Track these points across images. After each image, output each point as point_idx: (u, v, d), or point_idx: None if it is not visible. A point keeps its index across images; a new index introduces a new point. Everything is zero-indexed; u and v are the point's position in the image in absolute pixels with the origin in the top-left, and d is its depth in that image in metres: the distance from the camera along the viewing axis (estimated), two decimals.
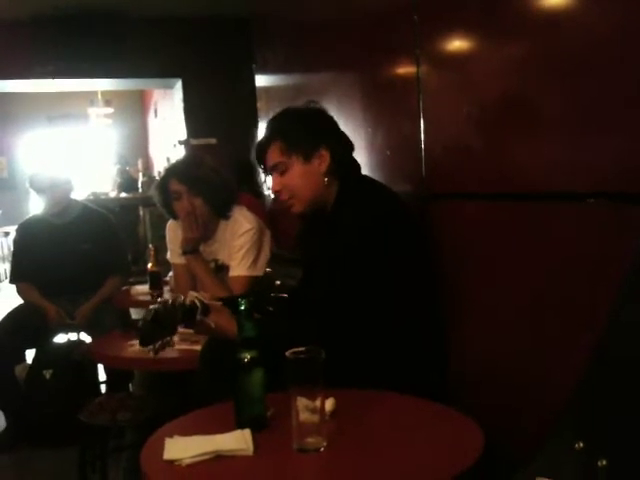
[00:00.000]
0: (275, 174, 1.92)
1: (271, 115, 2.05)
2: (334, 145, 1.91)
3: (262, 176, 4.25)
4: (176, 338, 2.28)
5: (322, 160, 1.89)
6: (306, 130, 1.90)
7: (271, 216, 3.62)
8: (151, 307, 1.81)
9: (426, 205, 2.05)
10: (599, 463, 0.94)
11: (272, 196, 1.99)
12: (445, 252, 1.96)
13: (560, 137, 1.48)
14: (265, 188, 4.14)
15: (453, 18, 1.89)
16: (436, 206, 2.03)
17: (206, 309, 1.80)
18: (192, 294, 1.83)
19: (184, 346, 2.27)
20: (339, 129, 1.99)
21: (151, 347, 1.89)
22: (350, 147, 1.99)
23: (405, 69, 2.21)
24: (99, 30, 5.07)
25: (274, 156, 1.91)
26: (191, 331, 2.26)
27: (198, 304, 1.79)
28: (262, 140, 1.96)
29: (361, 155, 2.34)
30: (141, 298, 3.24)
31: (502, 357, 1.75)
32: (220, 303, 1.84)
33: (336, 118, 2.01)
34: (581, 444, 0.97)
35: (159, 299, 2.49)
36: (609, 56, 1.33)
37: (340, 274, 1.76)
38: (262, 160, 1.96)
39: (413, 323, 1.82)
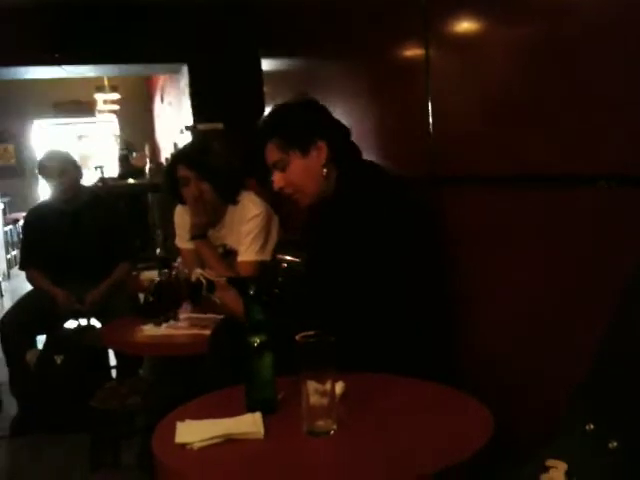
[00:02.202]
0: (276, 171, 1.95)
1: (278, 100, 2.05)
2: (330, 135, 1.93)
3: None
4: (184, 323, 2.30)
5: (320, 151, 1.91)
6: (300, 124, 1.93)
7: (278, 200, 3.61)
8: (155, 280, 1.82)
9: (434, 189, 2.05)
10: (610, 445, 0.94)
11: (275, 191, 1.99)
12: (453, 236, 1.96)
13: (571, 119, 1.47)
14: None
15: (461, 0, 1.87)
16: (444, 190, 2.02)
17: (211, 286, 1.81)
18: (197, 271, 1.85)
19: (194, 331, 2.28)
20: (333, 117, 2.01)
21: (155, 319, 1.91)
22: (347, 133, 2.00)
23: (413, 52, 2.19)
24: (105, 16, 5.06)
25: (273, 154, 1.94)
26: (201, 316, 2.28)
27: (203, 281, 1.80)
28: (258, 140, 1.99)
29: (369, 139, 2.33)
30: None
31: (512, 342, 1.75)
32: (224, 279, 1.85)
33: (343, 102, 2.01)
34: (592, 426, 0.97)
35: (163, 270, 2.50)
36: (621, 38, 1.31)
37: (343, 261, 1.76)
38: (262, 159, 1.98)
39: (420, 308, 1.81)
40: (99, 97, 9.35)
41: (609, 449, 0.93)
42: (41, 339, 3.46)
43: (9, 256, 8.72)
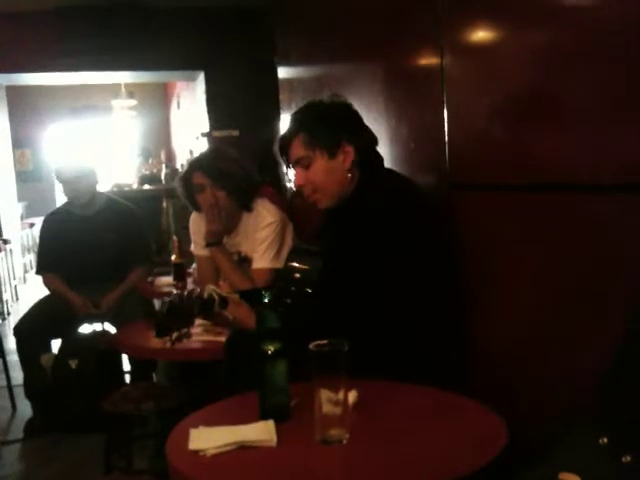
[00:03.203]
0: (299, 168, 1.92)
1: (294, 107, 2.05)
2: (358, 140, 1.90)
3: (284, 168, 4.25)
4: (197, 330, 2.31)
5: (346, 156, 1.88)
6: (330, 126, 1.89)
7: (291, 208, 3.63)
8: (167, 299, 1.83)
9: (450, 196, 2.05)
10: (623, 459, 0.93)
11: (294, 189, 1.97)
12: (469, 242, 1.96)
13: (587, 127, 1.46)
14: (287, 180, 4.14)
15: (477, 6, 1.87)
16: (460, 197, 2.02)
17: (224, 302, 1.81)
18: (209, 287, 1.85)
19: (208, 337, 2.30)
20: (363, 123, 1.98)
21: (167, 338, 1.92)
22: (374, 141, 1.99)
23: (429, 59, 2.19)
24: (122, 22, 5.10)
25: (298, 150, 1.90)
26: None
27: (215, 297, 1.80)
28: (286, 133, 1.95)
29: (385, 146, 2.33)
30: (165, 289, 3.27)
31: (524, 347, 1.74)
32: (237, 296, 1.86)
33: (359, 109, 2.00)
34: (605, 440, 0.96)
35: (175, 291, 2.50)
36: (634, 44, 1.31)
37: (358, 265, 1.76)
38: (285, 153, 1.95)
39: (433, 313, 1.81)
40: (116, 103, 9.42)
41: (622, 463, 0.93)
42: (56, 343, 3.48)
43: (25, 260, 8.79)
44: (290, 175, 1.98)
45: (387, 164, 2.09)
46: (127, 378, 3.52)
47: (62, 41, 5.05)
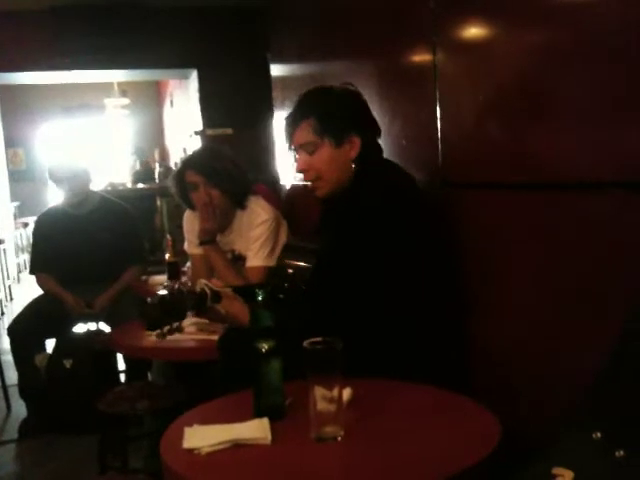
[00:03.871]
0: (303, 152, 1.89)
1: (287, 104, 2.04)
2: (365, 132, 1.88)
3: (277, 167, 4.25)
4: (191, 329, 2.31)
5: (353, 146, 1.86)
6: (341, 114, 1.86)
7: (286, 206, 3.62)
8: (158, 292, 1.82)
9: (442, 194, 2.05)
10: (617, 453, 0.94)
11: (296, 175, 1.93)
12: (462, 241, 1.96)
13: (585, 125, 1.46)
14: (280, 178, 4.14)
15: (470, 4, 1.87)
16: (453, 195, 2.02)
17: (217, 296, 1.80)
18: (202, 282, 1.83)
19: (202, 336, 2.29)
20: (372, 115, 1.96)
21: (158, 331, 1.90)
22: (378, 133, 1.97)
23: (422, 56, 2.19)
24: (116, 21, 5.09)
25: (306, 135, 1.87)
26: (208, 321, 2.28)
27: (208, 291, 1.79)
28: (294, 115, 1.91)
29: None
30: (159, 288, 3.26)
31: (524, 347, 1.74)
32: (230, 290, 1.84)
33: None
34: (599, 434, 0.96)
35: (166, 283, 2.47)
36: (632, 42, 1.31)
37: (356, 262, 1.75)
38: (290, 135, 1.92)
39: (430, 310, 1.80)
40: (109, 101, 9.39)
41: (616, 458, 0.93)
42: (51, 343, 3.47)
43: (19, 260, 8.76)
44: (293, 160, 1.94)
45: None
46: (122, 377, 3.51)
47: (56, 41, 5.03)
